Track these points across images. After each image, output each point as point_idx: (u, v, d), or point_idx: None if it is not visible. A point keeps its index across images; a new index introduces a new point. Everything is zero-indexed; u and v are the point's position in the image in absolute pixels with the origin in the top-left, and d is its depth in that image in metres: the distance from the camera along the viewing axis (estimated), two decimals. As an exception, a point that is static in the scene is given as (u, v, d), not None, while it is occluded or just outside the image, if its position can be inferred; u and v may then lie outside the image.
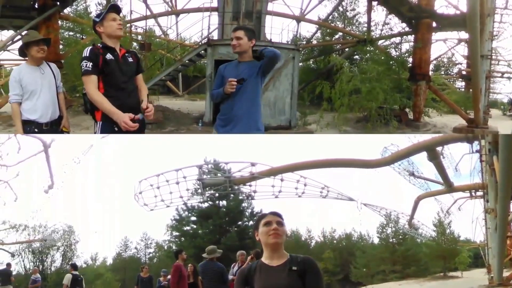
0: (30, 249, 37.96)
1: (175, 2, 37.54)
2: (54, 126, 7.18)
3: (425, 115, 24.75)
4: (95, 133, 6.07)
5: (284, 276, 3.27)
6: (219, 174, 19.94)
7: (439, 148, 18.28)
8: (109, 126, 5.80)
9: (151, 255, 47.65)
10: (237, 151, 48.26)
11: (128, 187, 48.81)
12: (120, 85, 5.89)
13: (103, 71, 5.75)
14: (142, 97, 6.20)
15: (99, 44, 5.93)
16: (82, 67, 5.68)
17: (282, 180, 18.49)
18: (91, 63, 5.65)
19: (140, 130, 6.03)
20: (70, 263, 26.24)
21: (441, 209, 30.33)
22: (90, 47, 5.86)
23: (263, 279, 3.34)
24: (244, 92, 6.29)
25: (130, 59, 6.14)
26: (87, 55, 5.71)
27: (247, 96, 6.34)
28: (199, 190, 19.49)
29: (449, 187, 22.22)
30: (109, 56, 5.80)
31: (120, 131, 5.68)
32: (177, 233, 34.34)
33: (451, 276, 33.93)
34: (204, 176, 19.44)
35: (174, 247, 33.98)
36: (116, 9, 6.12)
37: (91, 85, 5.66)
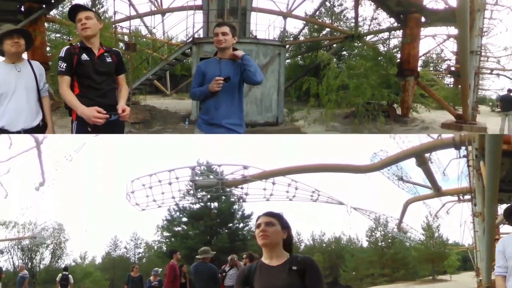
0: (19, 246, 38.05)
1: (161, 1, 37.74)
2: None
3: (413, 111, 25.02)
4: (71, 133, 6.18)
5: (284, 276, 3.33)
6: (211, 176, 20.23)
7: (427, 154, 18.78)
8: (83, 126, 5.87)
9: (140, 255, 48.11)
10: (227, 150, 48.53)
11: (119, 186, 48.85)
12: (94, 85, 5.94)
13: (76, 72, 5.88)
14: (121, 98, 6.21)
15: (77, 44, 6.04)
16: (58, 67, 5.88)
17: (273, 183, 18.95)
18: (65, 64, 5.81)
19: (118, 131, 6.24)
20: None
21: (430, 213, 30.52)
22: (67, 47, 6.02)
23: (263, 279, 3.42)
24: (229, 91, 6.34)
25: (109, 59, 6.14)
26: (62, 55, 5.87)
27: (232, 95, 6.42)
28: (191, 191, 19.89)
29: (437, 191, 22.61)
30: (84, 56, 5.87)
31: (93, 131, 5.90)
32: (168, 234, 34.64)
33: (440, 279, 34.43)
34: (197, 178, 19.77)
35: (164, 248, 34.57)
36: (77, 9, 6.05)
37: (63, 85, 5.83)
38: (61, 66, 5.80)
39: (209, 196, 24.17)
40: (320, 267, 3.45)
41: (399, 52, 25.69)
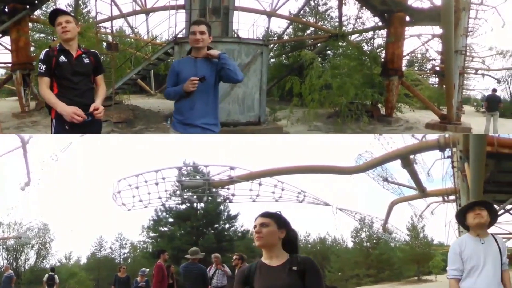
0: (4, 246, 38.21)
1: (145, 1, 37.34)
2: None
3: (398, 111, 24.79)
4: (51, 130, 6.29)
5: (284, 276, 3.33)
6: (197, 177, 20.36)
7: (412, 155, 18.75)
8: (61, 125, 6.03)
9: (125, 255, 48.41)
10: (210, 150, 48.40)
11: (105, 186, 48.76)
12: (72, 86, 6.11)
13: (55, 73, 6.07)
14: (97, 97, 6.35)
15: (57, 46, 6.23)
16: (38, 69, 6.10)
17: (260, 184, 18.98)
18: (44, 66, 6.02)
19: (95, 130, 6.41)
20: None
21: (415, 214, 30.58)
22: (46, 49, 6.23)
23: (263, 279, 3.41)
24: (204, 90, 6.25)
25: (86, 60, 6.30)
26: (42, 57, 6.07)
27: (207, 94, 6.33)
28: (178, 192, 19.96)
29: (422, 192, 22.66)
30: (62, 58, 6.08)
31: (70, 130, 6.04)
32: (155, 234, 34.67)
33: (425, 279, 34.35)
34: (183, 178, 19.84)
35: (150, 248, 34.79)
36: (57, 13, 6.27)
37: (43, 85, 6.04)
38: (41, 68, 6.05)
39: (195, 197, 24.18)
40: (319, 267, 3.44)
41: (383, 51, 25.26)
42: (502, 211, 15.84)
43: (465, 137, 11.19)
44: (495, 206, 15.32)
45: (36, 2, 22.75)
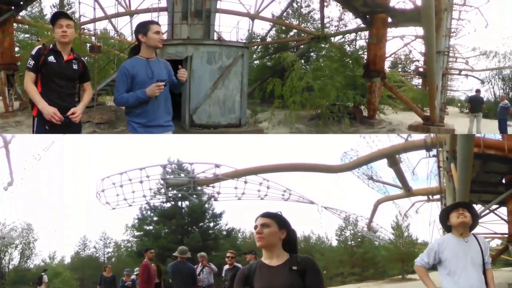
0: None
1: (129, 3, 36.93)
2: None
3: (380, 112, 24.52)
4: (33, 130, 6.37)
5: (284, 275, 3.32)
6: (182, 175, 20.28)
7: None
8: (42, 124, 6.07)
9: (109, 254, 48.14)
10: (196, 151, 48.17)
11: (89, 185, 48.43)
12: (56, 88, 6.12)
13: (41, 71, 6.07)
14: (80, 102, 6.45)
15: (50, 45, 6.25)
16: (27, 63, 6.13)
17: (245, 182, 18.95)
18: (33, 62, 6.04)
19: (75, 131, 6.43)
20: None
21: (399, 212, 30.54)
22: (39, 46, 6.28)
23: (263, 279, 3.39)
24: (165, 93, 6.22)
25: (75, 66, 6.31)
26: (33, 53, 6.10)
27: (166, 94, 6.29)
28: (162, 190, 20.03)
29: (408, 191, 22.42)
30: (51, 58, 6.06)
31: (50, 130, 6.08)
32: (139, 233, 34.39)
33: (409, 278, 34.07)
34: (168, 176, 19.67)
35: (135, 247, 34.35)
36: (61, 15, 6.22)
37: (28, 80, 6.07)
38: (29, 63, 6.06)
39: (180, 195, 23.90)
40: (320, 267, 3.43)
41: (365, 53, 24.94)
42: (487, 211, 15.63)
43: (452, 138, 11.19)
44: (481, 206, 15.12)
45: (21, 3, 22.57)
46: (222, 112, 19.83)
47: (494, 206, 15.49)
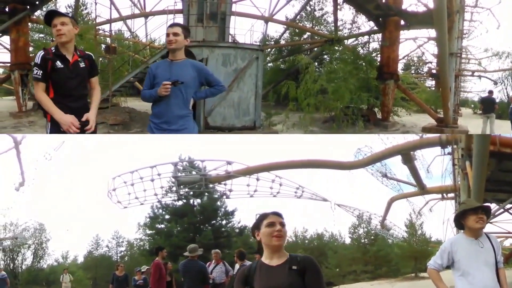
0: (0, 248, 37.34)
1: (144, 5, 36.75)
2: None
3: (394, 114, 24.29)
4: (46, 133, 6.07)
5: (285, 275, 3.27)
6: (194, 172, 20.15)
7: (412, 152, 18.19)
8: (57, 127, 5.76)
9: (122, 253, 47.61)
10: (210, 151, 47.91)
11: (100, 184, 48.34)
12: (68, 92, 5.86)
13: (51, 77, 5.73)
14: (92, 106, 6.10)
15: (52, 48, 5.84)
16: (33, 73, 5.74)
17: (257, 179, 18.74)
18: (40, 71, 5.65)
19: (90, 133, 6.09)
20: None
21: (413, 210, 30.29)
22: (42, 52, 5.77)
23: (263, 278, 3.36)
24: (180, 94, 6.09)
25: (82, 64, 6.00)
26: (38, 62, 5.68)
27: (183, 98, 6.15)
28: (174, 188, 19.40)
29: (422, 189, 22.06)
30: (58, 64, 5.74)
31: (65, 132, 5.73)
32: (151, 231, 34.10)
33: (422, 276, 33.56)
34: (179, 174, 19.41)
35: (147, 246, 34.08)
36: (52, 14, 5.80)
37: (39, 90, 5.72)
38: (37, 73, 5.69)
39: (191, 193, 23.72)
40: (320, 266, 3.38)
41: (378, 55, 24.72)
42: (502, 210, 15.22)
43: (467, 136, 11.02)
44: (495, 204, 14.75)
45: (37, 3, 22.38)
46: (237, 114, 19.79)
47: (509, 205, 15.15)
